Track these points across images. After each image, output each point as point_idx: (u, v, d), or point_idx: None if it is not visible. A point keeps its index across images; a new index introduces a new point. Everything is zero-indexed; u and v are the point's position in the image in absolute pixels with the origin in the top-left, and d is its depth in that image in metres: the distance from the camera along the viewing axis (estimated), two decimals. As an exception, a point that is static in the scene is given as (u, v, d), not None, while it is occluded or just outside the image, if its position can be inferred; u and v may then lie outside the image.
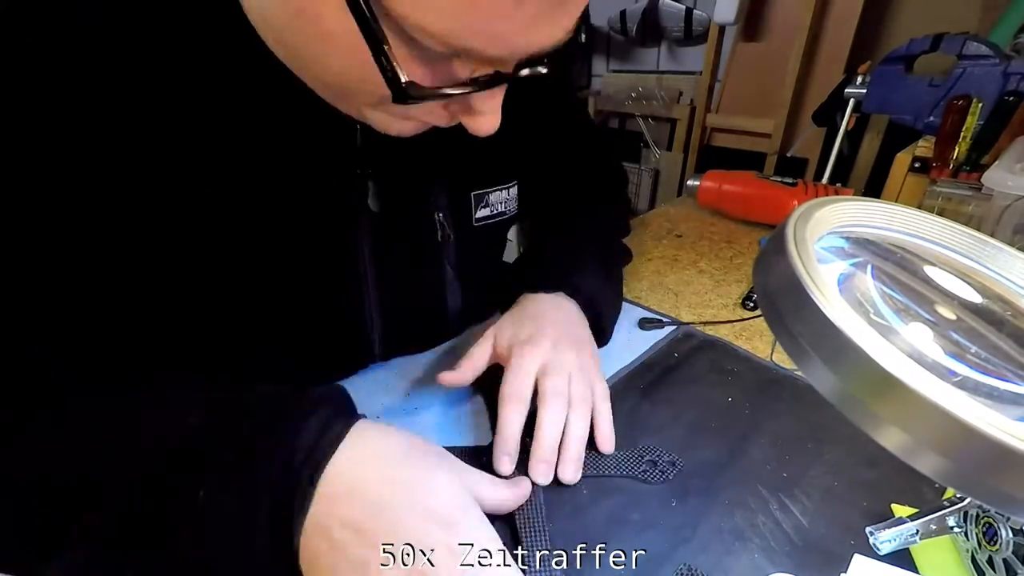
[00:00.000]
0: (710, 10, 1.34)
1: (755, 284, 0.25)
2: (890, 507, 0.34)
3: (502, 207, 0.49)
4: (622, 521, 0.34)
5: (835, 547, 0.32)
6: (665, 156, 1.67)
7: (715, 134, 1.54)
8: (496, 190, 0.48)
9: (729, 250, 0.71)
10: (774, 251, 0.23)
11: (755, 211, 0.78)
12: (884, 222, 0.28)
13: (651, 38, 1.62)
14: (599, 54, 1.81)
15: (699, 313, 0.57)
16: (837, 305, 0.20)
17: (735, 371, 0.47)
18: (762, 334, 0.53)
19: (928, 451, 0.18)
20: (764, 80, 1.36)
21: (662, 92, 1.60)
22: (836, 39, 1.22)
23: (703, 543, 0.32)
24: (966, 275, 0.28)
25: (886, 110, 0.80)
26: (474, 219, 0.47)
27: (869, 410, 0.19)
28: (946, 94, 0.71)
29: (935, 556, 0.31)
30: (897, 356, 0.18)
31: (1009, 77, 0.65)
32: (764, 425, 0.40)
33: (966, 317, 0.26)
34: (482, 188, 0.47)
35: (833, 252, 0.27)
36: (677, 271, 0.66)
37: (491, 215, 0.49)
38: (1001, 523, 0.27)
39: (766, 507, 0.34)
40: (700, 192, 0.83)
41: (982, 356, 0.23)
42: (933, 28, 0.75)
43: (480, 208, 0.47)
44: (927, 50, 0.72)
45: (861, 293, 0.25)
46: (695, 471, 0.37)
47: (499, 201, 0.49)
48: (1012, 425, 0.16)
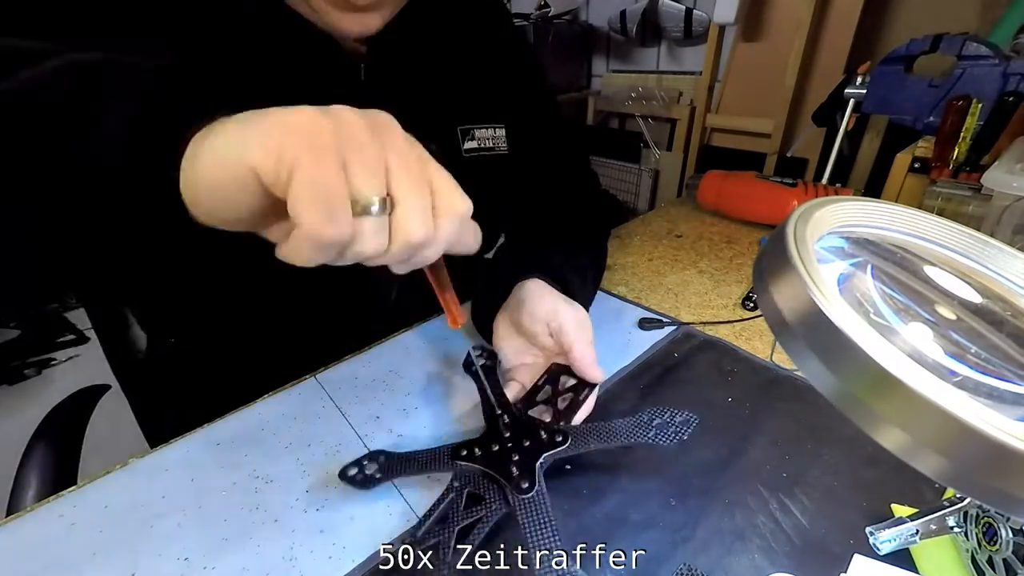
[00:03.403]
0: (710, 10, 1.34)
1: (755, 284, 0.25)
2: (890, 507, 0.34)
3: (490, 143, 0.53)
4: (622, 521, 0.34)
5: (835, 547, 0.32)
6: (665, 156, 1.67)
7: (715, 134, 1.54)
8: (481, 127, 0.53)
9: (729, 250, 0.71)
10: (774, 251, 0.23)
11: (755, 211, 0.78)
12: (884, 222, 0.28)
13: (651, 38, 1.62)
14: (599, 54, 1.81)
15: (699, 313, 0.57)
16: (837, 305, 0.20)
17: (735, 371, 0.47)
18: (762, 334, 0.53)
19: (928, 451, 0.18)
20: (764, 80, 1.36)
21: (662, 92, 1.60)
22: (836, 39, 1.22)
23: (703, 543, 0.32)
24: (966, 275, 0.28)
25: (886, 110, 0.80)
26: (463, 150, 0.52)
27: (869, 410, 0.19)
28: (946, 94, 0.70)
29: (935, 556, 0.31)
30: (897, 356, 0.18)
31: (1009, 77, 0.65)
32: (764, 425, 0.40)
33: (966, 317, 0.26)
34: (467, 124, 0.52)
35: (833, 252, 0.27)
36: (677, 271, 0.66)
37: (479, 147, 0.53)
38: (1001, 523, 0.27)
39: (766, 507, 0.34)
40: (700, 192, 0.83)
41: (982, 356, 0.23)
42: (933, 28, 0.75)
43: (467, 140, 0.52)
44: (927, 50, 0.72)
45: (861, 293, 0.25)
46: (695, 471, 0.37)
47: (486, 137, 0.53)
48: (1012, 425, 0.16)
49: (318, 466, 0.39)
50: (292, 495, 0.37)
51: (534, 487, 0.33)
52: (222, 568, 0.33)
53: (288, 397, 0.46)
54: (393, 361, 0.50)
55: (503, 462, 0.35)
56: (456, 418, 0.44)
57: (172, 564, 0.33)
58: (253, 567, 0.33)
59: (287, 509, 0.36)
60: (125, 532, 0.35)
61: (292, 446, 0.41)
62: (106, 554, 0.34)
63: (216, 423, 0.44)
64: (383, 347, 0.53)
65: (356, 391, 0.47)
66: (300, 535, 0.34)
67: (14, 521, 0.36)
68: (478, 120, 0.53)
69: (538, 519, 0.31)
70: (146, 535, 0.35)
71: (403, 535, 0.33)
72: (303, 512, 0.36)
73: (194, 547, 0.34)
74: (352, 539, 0.34)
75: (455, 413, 0.44)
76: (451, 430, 0.42)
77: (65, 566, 0.33)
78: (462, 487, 0.34)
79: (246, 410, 0.45)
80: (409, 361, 0.50)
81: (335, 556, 0.33)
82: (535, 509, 0.32)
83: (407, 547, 0.30)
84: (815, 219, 0.25)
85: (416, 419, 0.44)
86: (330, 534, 0.34)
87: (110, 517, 0.36)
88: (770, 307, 0.23)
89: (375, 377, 0.48)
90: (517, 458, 0.35)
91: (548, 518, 0.31)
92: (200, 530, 0.35)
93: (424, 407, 0.45)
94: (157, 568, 0.33)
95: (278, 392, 0.47)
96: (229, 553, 0.34)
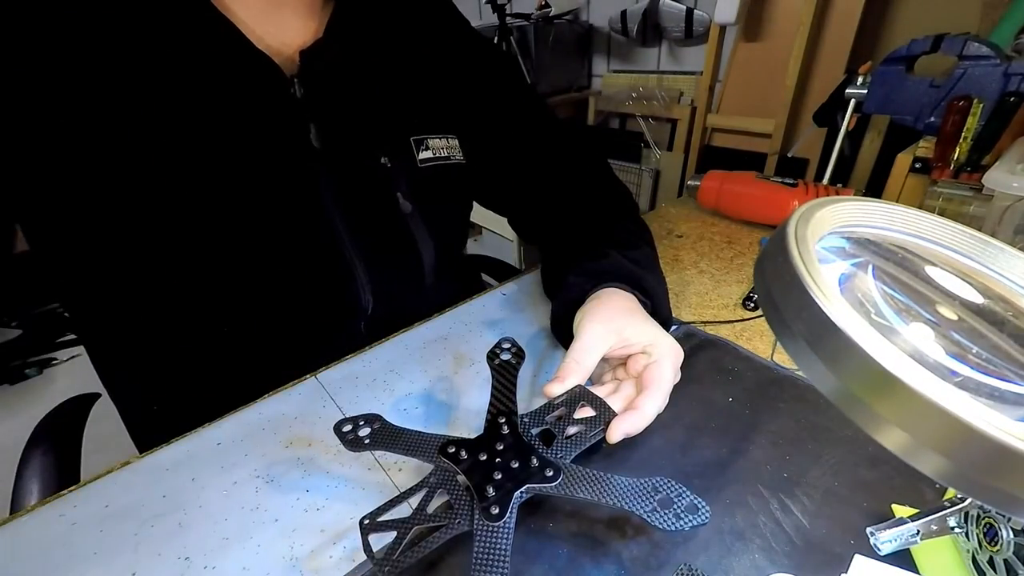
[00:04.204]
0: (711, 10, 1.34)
1: (756, 284, 0.25)
2: (891, 507, 0.34)
3: (444, 152, 0.53)
4: (622, 520, 0.34)
5: (835, 547, 0.32)
6: (665, 156, 1.67)
7: (715, 134, 1.54)
8: (435, 137, 0.52)
9: (730, 250, 0.71)
10: (775, 251, 0.23)
11: (756, 211, 0.78)
12: (885, 222, 0.28)
13: (652, 38, 1.62)
14: (599, 54, 1.81)
15: (699, 313, 0.57)
16: (838, 305, 0.19)
17: (736, 371, 0.47)
18: (763, 334, 0.53)
19: (929, 451, 0.18)
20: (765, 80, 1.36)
21: (662, 92, 1.60)
22: (837, 39, 1.22)
23: (703, 543, 0.32)
24: (967, 275, 0.28)
25: (887, 110, 0.80)
26: (418, 160, 0.51)
27: (870, 410, 0.19)
28: (947, 94, 0.70)
29: (936, 557, 0.31)
30: (898, 356, 0.18)
31: (1010, 78, 0.65)
32: (765, 425, 0.40)
33: (967, 317, 0.26)
34: (419, 134, 0.51)
35: (834, 252, 0.27)
36: (677, 271, 0.66)
37: (434, 157, 0.52)
38: (1002, 524, 0.27)
39: (766, 507, 0.34)
40: (700, 192, 0.82)
41: (983, 356, 0.23)
42: (934, 28, 0.75)
43: (422, 151, 0.51)
44: (928, 50, 0.72)
45: (862, 293, 0.25)
46: (695, 471, 0.37)
47: (440, 147, 0.52)
48: (1013, 425, 0.16)
49: (318, 466, 0.39)
50: (292, 495, 0.37)
51: (502, 518, 0.30)
52: (222, 568, 0.33)
53: (288, 397, 0.46)
54: (393, 361, 0.50)
55: (484, 476, 0.32)
56: (456, 419, 0.43)
57: (172, 564, 0.33)
58: (253, 567, 0.33)
59: (287, 509, 0.36)
60: (125, 532, 0.35)
61: (292, 446, 0.41)
62: (106, 554, 0.34)
63: (216, 423, 0.44)
64: (383, 347, 0.53)
65: (356, 391, 0.47)
66: (300, 535, 0.34)
67: (14, 521, 0.36)
68: (431, 130, 0.52)
69: (492, 555, 0.28)
70: (146, 535, 0.35)
71: (370, 513, 0.32)
72: (303, 512, 0.36)
73: (194, 547, 0.34)
74: (352, 539, 0.34)
75: (455, 414, 0.44)
76: (450, 432, 0.42)
77: (65, 566, 0.33)
78: (437, 484, 0.33)
79: (246, 410, 0.45)
80: (409, 361, 0.50)
81: (335, 556, 0.33)
82: (493, 542, 0.29)
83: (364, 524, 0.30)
84: (816, 219, 0.24)
85: (416, 419, 0.43)
86: (330, 534, 0.34)
87: (110, 517, 0.36)
88: (771, 307, 0.23)
89: (375, 377, 0.48)
90: (499, 477, 0.32)
91: (503, 556, 0.28)
92: (200, 530, 0.35)
93: (424, 407, 0.45)
94: (157, 568, 0.33)
95: (278, 392, 0.47)
96: (229, 553, 0.34)
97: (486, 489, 0.31)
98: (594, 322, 0.41)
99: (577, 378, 0.38)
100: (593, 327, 0.41)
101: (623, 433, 0.36)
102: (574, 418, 0.37)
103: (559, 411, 0.37)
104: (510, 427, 0.36)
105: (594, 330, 0.41)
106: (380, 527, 0.30)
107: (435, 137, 0.52)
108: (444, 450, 0.34)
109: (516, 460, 0.33)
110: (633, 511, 0.30)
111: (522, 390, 0.45)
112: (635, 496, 0.31)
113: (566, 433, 0.36)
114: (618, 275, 0.47)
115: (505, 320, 0.56)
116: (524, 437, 0.35)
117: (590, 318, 0.42)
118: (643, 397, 0.38)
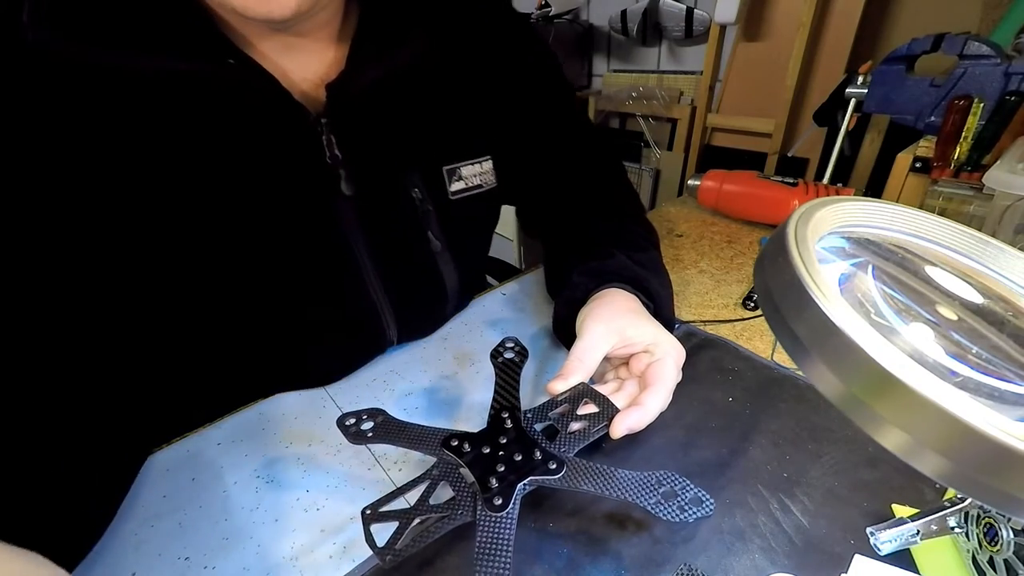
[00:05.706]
0: (711, 10, 1.34)
1: (756, 284, 0.25)
2: (891, 507, 0.34)
3: (477, 180, 0.50)
4: (622, 520, 0.34)
5: (835, 547, 0.32)
6: (666, 156, 1.67)
7: (716, 134, 1.54)
8: (468, 164, 0.49)
9: (730, 250, 0.71)
10: (775, 251, 0.23)
11: (756, 211, 0.78)
12: (885, 222, 0.28)
13: (652, 38, 1.62)
14: (599, 54, 1.80)
15: (699, 313, 0.57)
16: (838, 305, 0.19)
17: (736, 371, 0.47)
18: (763, 334, 0.53)
19: (929, 451, 0.18)
20: (765, 80, 1.36)
21: (663, 92, 1.60)
22: (837, 39, 1.22)
23: (703, 543, 0.32)
24: (967, 275, 0.28)
25: (887, 110, 0.80)
26: (450, 193, 0.48)
27: (870, 410, 0.19)
28: (947, 94, 0.70)
29: (936, 557, 0.31)
30: (898, 356, 0.18)
31: (1011, 77, 0.65)
32: (764, 425, 0.40)
33: (967, 317, 0.26)
34: (452, 163, 0.48)
35: (834, 252, 0.27)
36: (678, 271, 0.66)
37: (467, 188, 0.50)
38: (1002, 524, 0.27)
39: (766, 507, 0.34)
40: (701, 192, 0.82)
41: (983, 356, 0.23)
42: (934, 28, 0.75)
43: (454, 182, 0.48)
44: (928, 50, 0.72)
45: (862, 293, 0.25)
46: (695, 471, 0.37)
47: (473, 175, 0.50)
48: (1013, 425, 0.16)
49: (318, 466, 0.39)
50: (292, 495, 0.37)
51: (505, 508, 0.30)
52: (222, 568, 0.33)
53: (288, 397, 0.46)
54: (393, 361, 0.50)
55: (487, 468, 0.32)
56: (458, 417, 0.43)
57: (172, 564, 0.33)
58: (253, 567, 0.33)
59: (287, 509, 0.36)
60: (125, 532, 0.35)
61: (292, 446, 0.41)
62: (106, 554, 0.34)
63: (216, 423, 0.44)
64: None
65: (356, 391, 0.47)
66: (300, 535, 0.34)
67: (15, 520, 0.36)
68: (465, 155, 0.49)
69: (494, 546, 0.28)
70: (146, 535, 0.35)
71: (372, 503, 0.32)
72: (303, 512, 0.36)
73: (194, 547, 0.34)
74: (352, 539, 0.34)
75: (457, 412, 0.44)
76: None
77: (65, 565, 0.33)
78: (439, 477, 0.33)
79: (246, 410, 0.45)
80: (410, 361, 0.50)
81: (335, 556, 0.33)
82: (496, 533, 0.29)
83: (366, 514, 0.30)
84: (816, 219, 0.25)
85: (418, 417, 0.43)
86: (330, 534, 0.34)
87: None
88: (771, 307, 0.23)
89: (375, 377, 0.48)
90: (502, 469, 0.32)
91: (506, 547, 0.28)
92: (200, 530, 0.35)
93: (425, 406, 0.45)
94: (157, 568, 0.33)
95: (278, 392, 0.47)
96: (229, 553, 0.34)
97: (489, 481, 0.31)
98: (597, 321, 0.41)
99: (580, 376, 0.38)
100: (596, 326, 0.41)
101: (627, 428, 0.36)
102: (577, 414, 0.37)
103: (562, 407, 0.37)
104: (513, 422, 0.36)
105: (596, 329, 0.41)
106: (382, 517, 0.30)
107: (468, 164, 0.49)
108: (447, 443, 0.34)
109: (519, 453, 0.33)
110: (637, 503, 0.30)
111: (524, 389, 0.45)
112: (639, 489, 0.31)
113: (569, 429, 0.36)
114: (622, 276, 0.47)
115: (505, 320, 0.56)
116: (527, 432, 0.35)
117: (593, 317, 0.42)
118: (647, 394, 0.38)
